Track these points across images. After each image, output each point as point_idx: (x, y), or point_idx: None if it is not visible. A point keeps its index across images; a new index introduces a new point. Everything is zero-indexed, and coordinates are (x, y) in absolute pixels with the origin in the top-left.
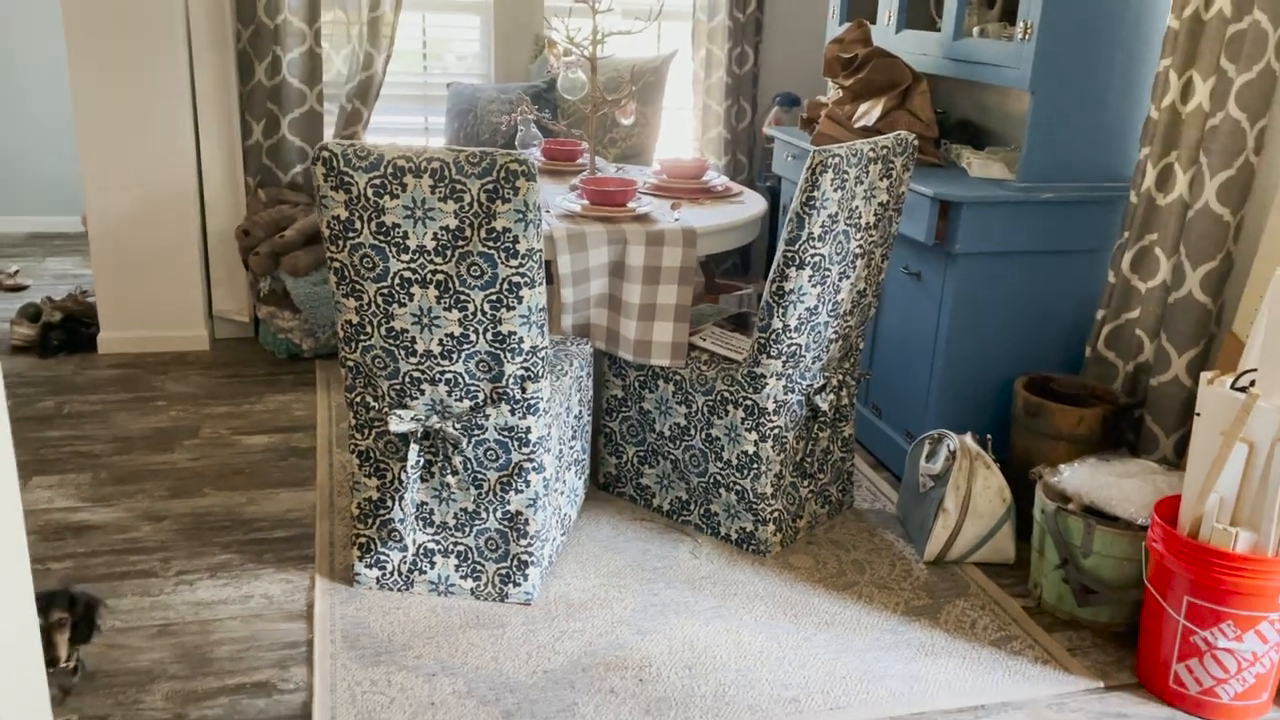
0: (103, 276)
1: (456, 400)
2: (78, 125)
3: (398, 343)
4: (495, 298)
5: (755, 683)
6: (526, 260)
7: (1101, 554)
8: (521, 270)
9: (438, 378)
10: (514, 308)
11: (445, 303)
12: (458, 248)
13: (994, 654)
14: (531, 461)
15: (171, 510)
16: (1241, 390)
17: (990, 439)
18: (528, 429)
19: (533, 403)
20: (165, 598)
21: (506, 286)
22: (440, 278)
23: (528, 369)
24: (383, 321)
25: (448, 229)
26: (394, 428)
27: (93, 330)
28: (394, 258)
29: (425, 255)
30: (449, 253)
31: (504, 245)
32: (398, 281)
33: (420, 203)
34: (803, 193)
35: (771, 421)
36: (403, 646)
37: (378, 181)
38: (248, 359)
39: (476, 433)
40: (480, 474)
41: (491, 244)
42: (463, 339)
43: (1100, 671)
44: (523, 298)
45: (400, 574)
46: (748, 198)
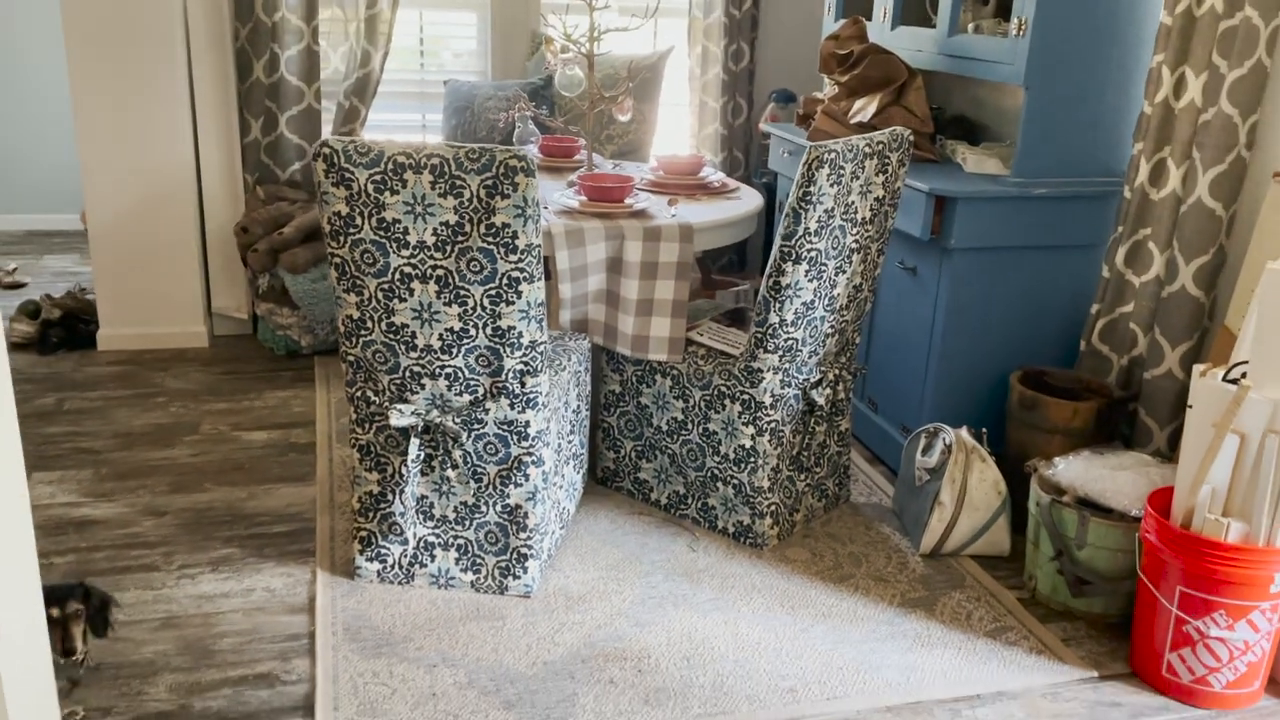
0: (102, 273)
1: (456, 395)
2: (76, 123)
3: (398, 338)
4: (495, 293)
5: (753, 673)
6: (525, 255)
7: (1095, 545)
8: (521, 265)
9: (438, 372)
10: (513, 303)
11: (445, 298)
12: (457, 243)
13: (989, 645)
14: (530, 455)
15: (173, 505)
16: (1233, 382)
17: (985, 432)
18: (527, 423)
19: (532, 397)
20: (168, 591)
21: (506, 281)
22: (440, 273)
23: (527, 364)
24: (383, 316)
25: (447, 224)
26: (394, 422)
27: (92, 327)
28: (394, 253)
29: (425, 251)
30: (449, 248)
31: (503, 240)
32: (398, 277)
33: (420, 199)
34: (799, 188)
35: (768, 416)
36: (404, 638)
37: (378, 178)
38: (247, 355)
39: (476, 427)
40: (480, 468)
41: (491, 239)
42: (462, 334)
43: (1094, 661)
44: (522, 293)
45: (401, 567)
46: (744, 194)
